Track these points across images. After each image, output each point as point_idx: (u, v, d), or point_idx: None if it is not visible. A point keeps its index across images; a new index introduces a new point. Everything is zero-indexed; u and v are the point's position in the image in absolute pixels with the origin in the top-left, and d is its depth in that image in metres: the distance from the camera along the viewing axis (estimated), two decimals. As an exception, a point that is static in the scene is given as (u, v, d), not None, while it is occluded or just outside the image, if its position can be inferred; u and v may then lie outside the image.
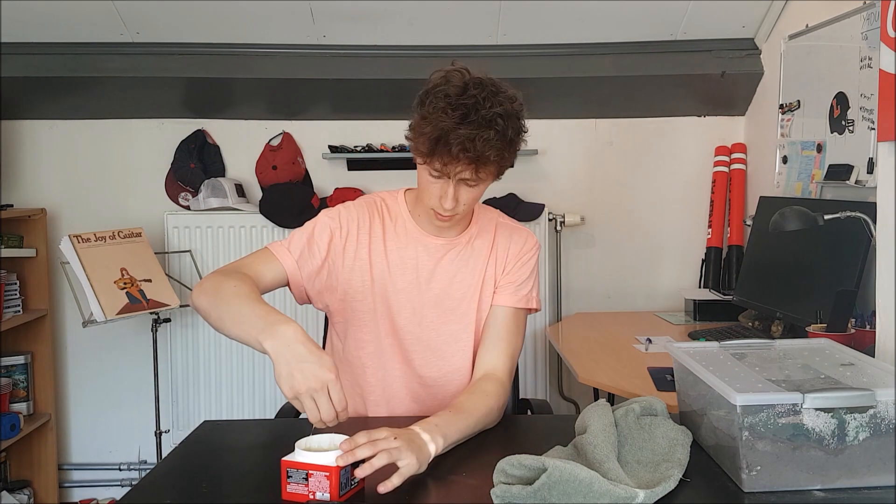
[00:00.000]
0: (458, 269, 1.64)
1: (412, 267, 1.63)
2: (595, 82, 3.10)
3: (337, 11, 2.87)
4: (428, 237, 1.63)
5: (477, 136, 1.40)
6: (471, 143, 1.40)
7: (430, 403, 1.64)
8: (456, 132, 1.40)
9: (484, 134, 1.40)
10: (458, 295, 1.64)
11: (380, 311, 1.62)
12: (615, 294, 3.31)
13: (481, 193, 1.56)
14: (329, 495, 1.13)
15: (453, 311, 1.64)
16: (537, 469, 1.11)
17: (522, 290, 1.66)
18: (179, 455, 1.42)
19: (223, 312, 1.37)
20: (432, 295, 1.63)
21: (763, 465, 1.15)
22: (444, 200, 1.49)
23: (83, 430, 3.31)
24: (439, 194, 1.50)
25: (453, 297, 1.64)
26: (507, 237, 1.69)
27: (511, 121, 1.46)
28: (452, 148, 1.40)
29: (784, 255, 2.46)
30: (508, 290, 1.66)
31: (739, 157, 3.18)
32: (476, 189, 1.52)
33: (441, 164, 1.44)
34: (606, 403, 1.35)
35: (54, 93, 3.07)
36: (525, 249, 1.68)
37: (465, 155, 1.41)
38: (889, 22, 1.50)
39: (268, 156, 3.17)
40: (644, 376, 2.09)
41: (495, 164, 1.47)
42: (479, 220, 1.69)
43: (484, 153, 1.41)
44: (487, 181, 1.52)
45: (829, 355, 1.39)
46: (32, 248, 3.07)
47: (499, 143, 1.43)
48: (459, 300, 1.64)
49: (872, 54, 2.21)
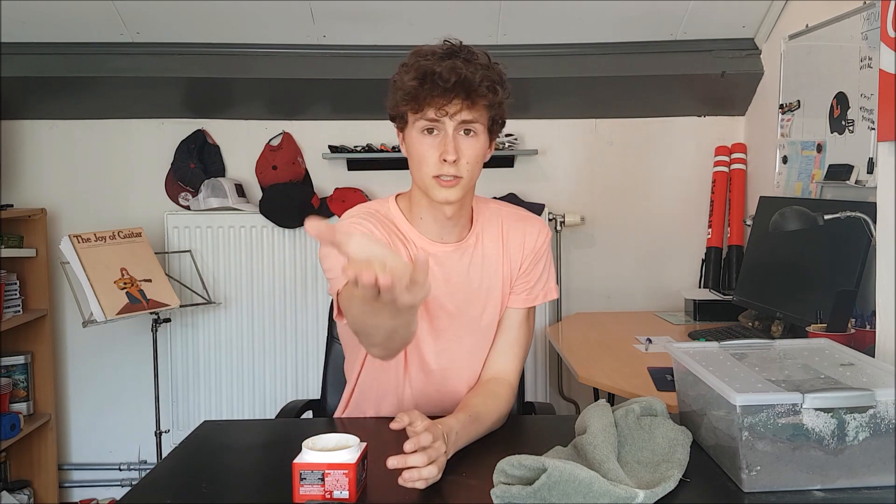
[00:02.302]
0: (475, 276, 1.58)
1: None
2: (595, 82, 3.10)
3: (337, 11, 2.87)
4: (434, 245, 1.55)
5: (464, 66, 1.39)
6: (458, 70, 1.38)
7: (436, 397, 1.62)
8: (441, 64, 1.39)
9: (469, 66, 1.40)
10: (479, 305, 1.59)
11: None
12: (615, 294, 3.31)
13: (481, 153, 1.47)
14: (348, 493, 1.13)
15: (477, 322, 1.59)
16: (537, 469, 1.10)
17: (537, 289, 1.62)
18: (179, 455, 1.41)
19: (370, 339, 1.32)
20: (452, 307, 1.57)
21: (763, 466, 1.14)
22: (447, 154, 1.42)
23: (83, 430, 3.31)
24: (439, 150, 1.43)
25: (475, 307, 1.58)
26: (520, 231, 1.61)
27: (493, 67, 1.45)
28: (442, 77, 1.38)
29: (784, 256, 2.46)
30: (523, 293, 1.61)
31: (739, 157, 3.18)
32: (474, 142, 1.45)
33: (434, 106, 1.41)
34: (606, 404, 1.35)
35: (54, 93, 3.07)
36: (539, 243, 1.61)
37: (455, 84, 1.38)
38: (889, 22, 1.50)
39: (268, 156, 3.17)
40: (644, 376, 2.09)
41: (487, 100, 1.43)
42: (481, 215, 1.61)
43: (473, 80, 1.39)
44: (481, 136, 1.46)
45: (828, 355, 1.39)
46: (32, 248, 3.07)
47: (486, 73, 1.41)
48: (482, 311, 1.59)
49: (872, 54, 2.21)
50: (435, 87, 1.39)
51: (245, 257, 3.12)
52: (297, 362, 3.15)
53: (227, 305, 3.12)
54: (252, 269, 3.12)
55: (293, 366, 3.14)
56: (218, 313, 3.11)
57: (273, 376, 3.14)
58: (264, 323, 3.13)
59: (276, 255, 3.12)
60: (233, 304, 3.12)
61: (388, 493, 1.17)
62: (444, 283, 1.55)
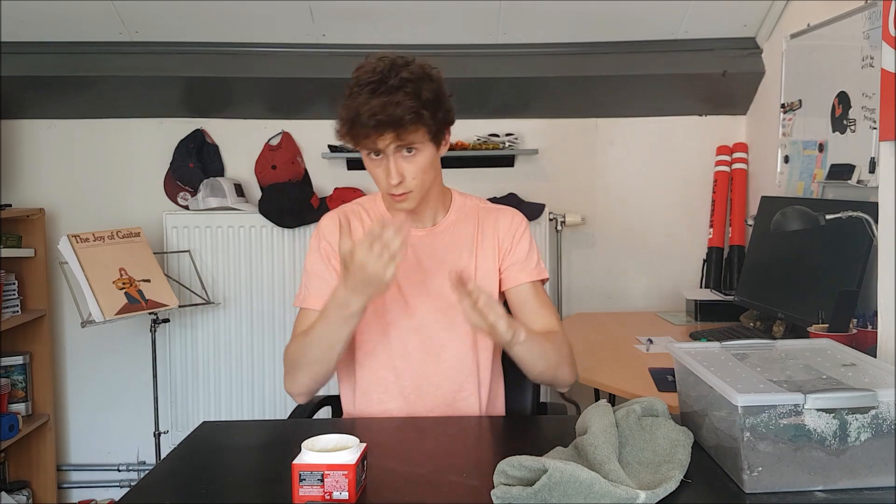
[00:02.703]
0: (448, 257, 1.66)
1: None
2: (595, 82, 3.10)
3: (336, 11, 2.87)
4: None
5: (386, 102, 1.43)
6: (381, 110, 1.43)
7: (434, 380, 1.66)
8: (366, 106, 1.44)
9: (394, 99, 1.43)
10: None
11: (374, 310, 1.63)
12: (616, 294, 3.31)
13: (427, 164, 1.54)
14: (347, 494, 1.13)
15: (448, 299, 1.62)
16: (538, 470, 1.10)
17: (530, 264, 1.68)
18: (178, 456, 1.41)
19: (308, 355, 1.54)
20: (423, 286, 1.65)
21: (764, 466, 1.14)
22: (390, 177, 1.50)
23: (82, 431, 3.30)
24: (384, 175, 1.52)
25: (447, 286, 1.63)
26: (493, 220, 1.71)
27: (424, 83, 1.48)
28: (366, 121, 1.43)
29: (786, 256, 2.45)
30: (517, 268, 1.67)
31: (741, 156, 3.18)
32: (417, 158, 1.51)
33: (366, 142, 1.47)
34: (607, 404, 1.35)
35: (53, 92, 3.06)
36: (514, 225, 1.71)
37: (379, 123, 1.43)
38: (891, 21, 1.49)
39: (267, 155, 3.17)
40: (645, 377, 2.09)
41: (418, 126, 1.47)
42: (457, 207, 1.71)
43: (396, 116, 1.43)
44: (425, 149, 1.52)
45: (830, 356, 1.38)
46: (31, 248, 3.06)
47: (411, 103, 1.44)
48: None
49: (874, 53, 2.20)
50: (363, 127, 1.45)
51: (244, 257, 3.11)
52: (297, 362, 3.14)
53: (226, 305, 3.11)
54: (251, 269, 3.11)
55: (293, 366, 3.13)
56: (217, 313, 3.11)
57: (272, 376, 3.13)
58: (263, 323, 3.12)
59: (276, 255, 3.11)
60: (232, 305, 3.12)
61: (388, 493, 1.16)
62: (416, 264, 1.65)
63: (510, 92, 3.14)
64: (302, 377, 1.57)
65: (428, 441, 1.46)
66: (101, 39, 2.95)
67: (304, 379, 1.57)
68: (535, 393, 1.88)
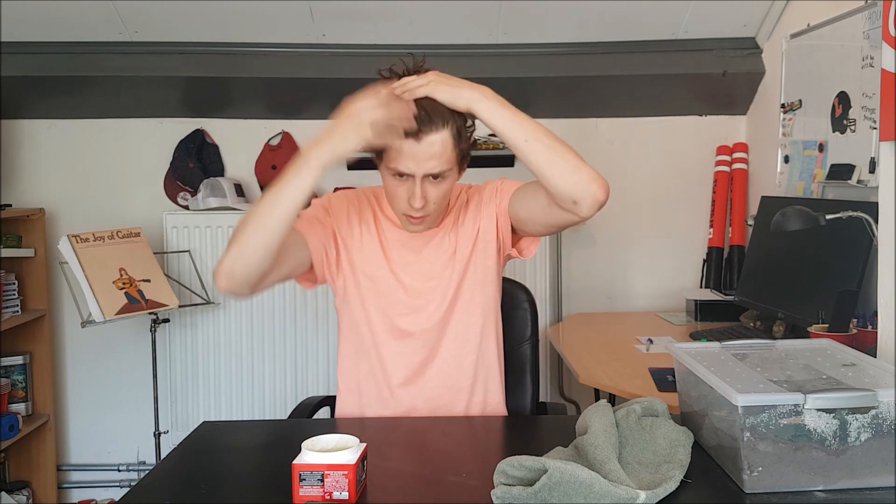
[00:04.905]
0: (447, 245, 1.65)
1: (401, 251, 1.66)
2: (595, 82, 3.10)
3: (336, 11, 2.87)
4: (403, 231, 1.65)
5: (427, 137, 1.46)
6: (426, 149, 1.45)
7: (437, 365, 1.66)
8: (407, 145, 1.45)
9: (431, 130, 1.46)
10: (456, 272, 1.65)
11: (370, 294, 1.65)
12: (616, 294, 3.31)
13: (450, 189, 1.56)
14: (347, 494, 1.13)
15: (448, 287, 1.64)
16: (538, 470, 1.10)
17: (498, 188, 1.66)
18: (178, 456, 1.41)
19: (259, 217, 1.47)
20: (423, 277, 1.64)
21: (764, 466, 1.14)
22: (413, 200, 1.50)
23: (82, 431, 3.30)
24: (408, 195, 1.51)
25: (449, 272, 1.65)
26: (477, 195, 1.69)
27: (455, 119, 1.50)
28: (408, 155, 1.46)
29: (786, 255, 2.45)
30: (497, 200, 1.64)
31: (741, 156, 3.18)
32: (442, 185, 1.53)
33: (403, 165, 1.47)
34: (607, 404, 1.35)
35: (53, 92, 3.06)
36: (483, 189, 1.69)
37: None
38: (891, 21, 1.49)
39: (267, 155, 3.17)
40: (645, 377, 2.08)
41: (453, 157, 1.50)
42: (452, 209, 1.70)
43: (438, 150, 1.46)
44: (451, 175, 1.53)
45: (830, 356, 1.38)
46: (31, 248, 3.07)
47: (446, 135, 1.47)
48: (460, 278, 1.64)
49: (874, 53, 2.20)
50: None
51: (244, 257, 3.10)
52: (297, 362, 3.14)
53: (226, 305, 3.11)
54: (251, 269, 3.11)
55: (292, 366, 3.13)
56: (217, 313, 3.11)
57: (272, 377, 3.13)
58: (263, 323, 3.12)
59: (276, 254, 3.11)
60: (232, 305, 3.11)
61: (388, 493, 1.16)
62: (417, 263, 1.65)
63: (510, 92, 3.09)
64: (236, 248, 1.46)
65: (428, 441, 1.46)
66: (101, 39, 2.95)
67: (237, 248, 1.46)
68: (535, 393, 1.88)
